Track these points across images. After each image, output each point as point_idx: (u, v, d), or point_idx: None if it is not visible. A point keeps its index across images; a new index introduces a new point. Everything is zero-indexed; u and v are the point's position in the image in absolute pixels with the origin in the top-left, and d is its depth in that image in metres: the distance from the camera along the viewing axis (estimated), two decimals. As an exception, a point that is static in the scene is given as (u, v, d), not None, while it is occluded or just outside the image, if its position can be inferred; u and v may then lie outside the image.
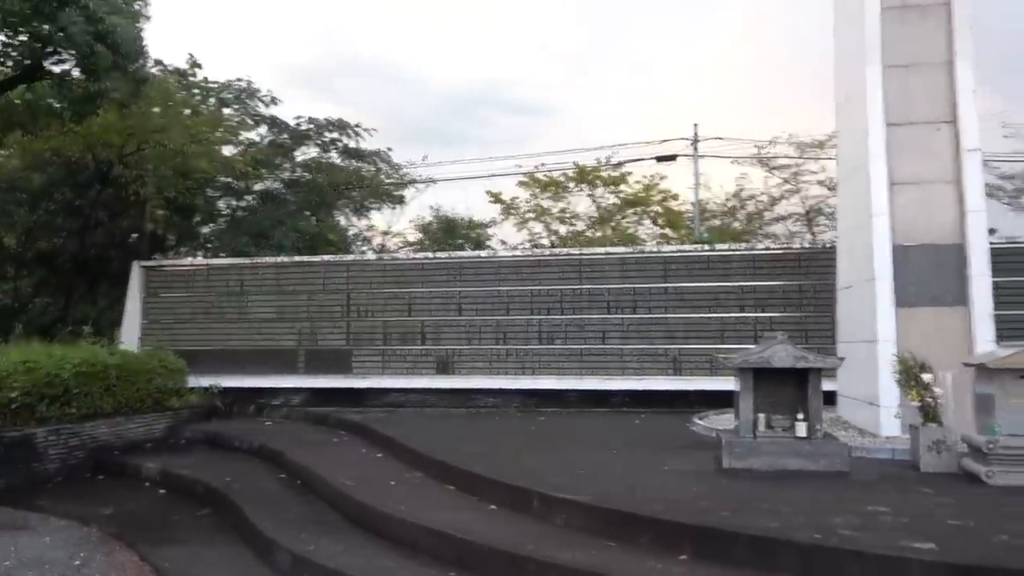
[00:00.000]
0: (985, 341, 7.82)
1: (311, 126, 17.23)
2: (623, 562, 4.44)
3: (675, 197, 18.71)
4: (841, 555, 4.14)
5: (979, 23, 8.56)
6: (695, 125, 17.31)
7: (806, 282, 11.55)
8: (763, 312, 11.73)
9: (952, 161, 8.25)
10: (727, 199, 18.25)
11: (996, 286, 8.99)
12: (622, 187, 18.50)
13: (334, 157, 17.56)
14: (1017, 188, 15.67)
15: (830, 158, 15.95)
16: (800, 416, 6.28)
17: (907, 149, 8.32)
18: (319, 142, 17.37)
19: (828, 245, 11.57)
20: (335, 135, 17.36)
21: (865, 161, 8.41)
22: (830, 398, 10.10)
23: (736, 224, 17.93)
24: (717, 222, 18.27)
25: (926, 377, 6.22)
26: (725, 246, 12.38)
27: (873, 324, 8.13)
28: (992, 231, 17.30)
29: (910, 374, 6.33)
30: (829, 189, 16.34)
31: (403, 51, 49.03)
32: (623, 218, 18.68)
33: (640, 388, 11.91)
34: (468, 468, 6.42)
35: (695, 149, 17.23)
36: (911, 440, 6.38)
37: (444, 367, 12.46)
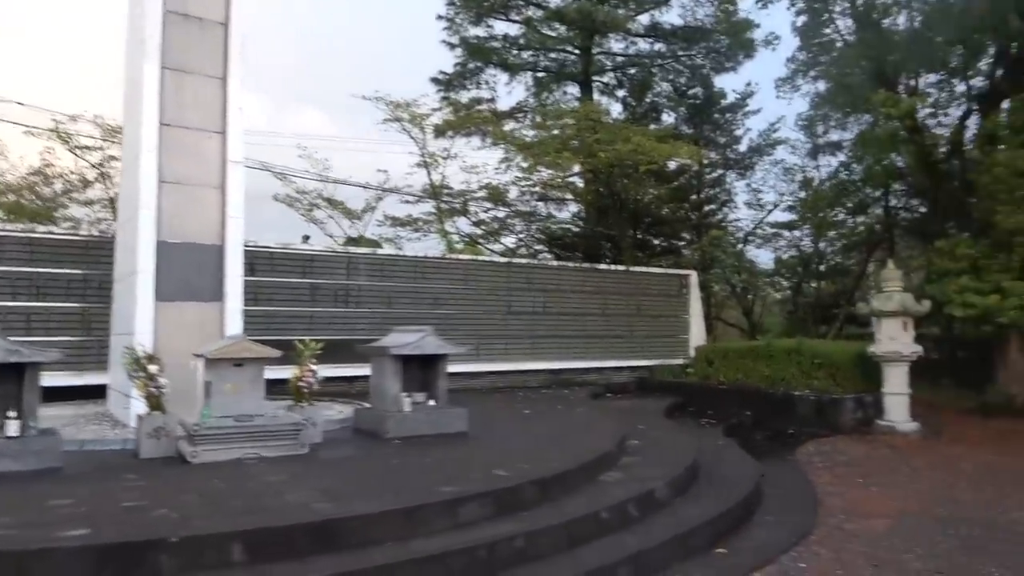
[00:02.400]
0: (234, 334, 8.77)
1: None
2: None
3: (-47, 161, 15.70)
4: (-12, 558, 3.97)
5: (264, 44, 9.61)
6: (-13, 82, 14.81)
7: (93, 272, 11.05)
8: (42, 301, 10.77)
9: (220, 169, 8.99)
10: (30, 174, 16.27)
11: (256, 284, 10.38)
12: None
13: None
14: (311, 202, 18.39)
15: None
16: (12, 414, 5.86)
17: (180, 150, 8.70)
18: None
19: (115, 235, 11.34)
20: None
21: (138, 155, 8.50)
22: (103, 391, 10.02)
23: (38, 203, 16.12)
24: (12, 197, 16.07)
25: (152, 368, 6.57)
26: (-4, 225, 10.93)
27: (135, 317, 8.26)
28: (307, 238, 19.72)
29: (139, 365, 6.59)
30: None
31: None
32: None
33: None
34: None
35: (-15, 110, 14.79)
36: (137, 429, 6.64)
37: None
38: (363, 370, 11.55)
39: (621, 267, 17.26)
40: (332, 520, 4.64)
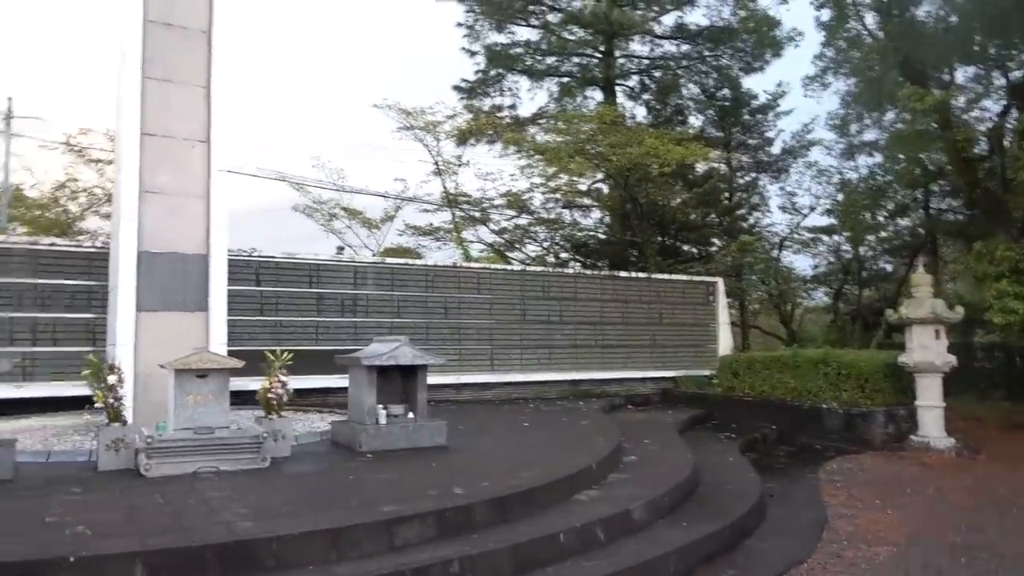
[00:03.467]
0: (219, 344, 8.62)
1: None
2: None
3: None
4: None
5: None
6: (9, 99, 15.28)
7: (97, 283, 11.12)
8: (45, 312, 10.86)
9: (205, 178, 8.91)
10: (56, 188, 16.64)
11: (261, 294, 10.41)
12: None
13: None
14: (330, 212, 18.38)
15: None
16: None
17: (164, 160, 8.64)
18: None
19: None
20: None
21: (121, 166, 8.48)
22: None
23: (64, 217, 16.45)
24: (39, 213, 16.42)
25: (111, 379, 6.43)
26: (2, 238, 11.08)
27: (116, 328, 8.20)
28: (341, 249, 19.66)
29: (99, 376, 6.46)
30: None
31: None
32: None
33: None
34: None
35: (8, 126, 15.19)
36: (97, 441, 6.49)
37: None
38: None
39: (643, 275, 16.71)
40: (250, 541, 4.35)
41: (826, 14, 15.26)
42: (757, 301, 23.24)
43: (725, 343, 17.20)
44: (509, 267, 15.63)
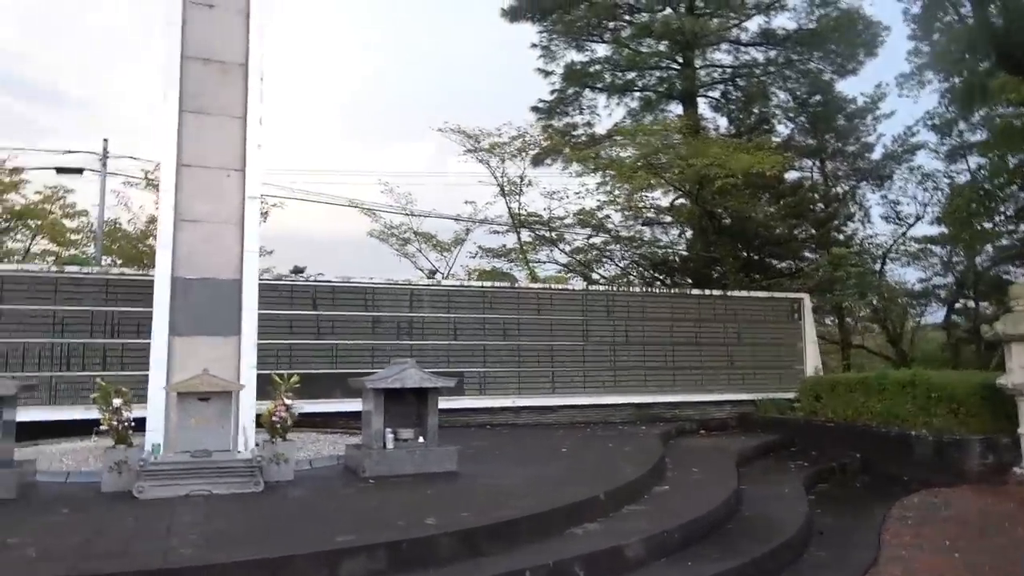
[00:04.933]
0: (248, 367, 8.77)
1: None
2: None
3: (83, 214, 17.60)
4: None
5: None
6: (105, 140, 16.58)
7: (162, 310, 11.70)
8: (115, 338, 11.53)
9: (239, 206, 9.16)
10: (149, 222, 17.78)
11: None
12: (10, 196, 16.60)
13: None
14: (402, 237, 18.65)
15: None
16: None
17: (200, 189, 8.95)
18: None
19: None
20: None
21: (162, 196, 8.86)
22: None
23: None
24: (131, 246, 17.56)
25: (116, 402, 6.62)
26: (76, 268, 11.88)
27: (152, 352, 8.50)
28: (433, 273, 19.87)
29: (106, 400, 6.67)
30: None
31: None
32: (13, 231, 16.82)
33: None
34: None
35: (104, 165, 16.47)
36: (105, 461, 6.70)
37: None
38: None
39: (717, 292, 15.84)
40: (180, 569, 4.27)
41: (915, 6, 14.02)
42: (861, 319, 21.54)
43: (812, 364, 16.00)
44: (570, 287, 15.22)
